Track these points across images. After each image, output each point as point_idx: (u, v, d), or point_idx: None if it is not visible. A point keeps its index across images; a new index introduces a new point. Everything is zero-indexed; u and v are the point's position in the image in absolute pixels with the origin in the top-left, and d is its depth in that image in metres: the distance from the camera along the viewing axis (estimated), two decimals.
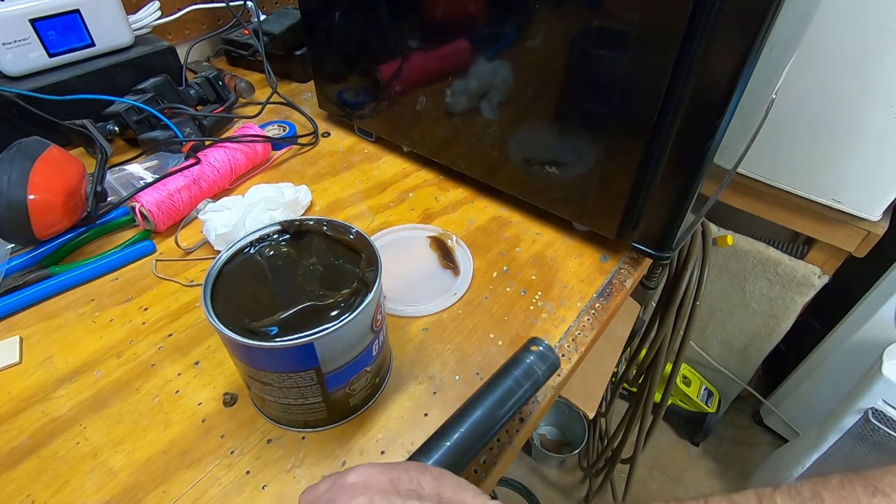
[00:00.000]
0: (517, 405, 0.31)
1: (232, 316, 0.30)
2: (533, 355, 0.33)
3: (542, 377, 0.32)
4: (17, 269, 0.47)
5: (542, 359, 0.33)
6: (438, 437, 0.27)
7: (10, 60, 0.60)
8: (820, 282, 1.00)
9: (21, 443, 0.36)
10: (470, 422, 0.28)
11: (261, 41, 0.76)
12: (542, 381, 0.32)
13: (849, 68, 0.74)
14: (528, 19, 0.43)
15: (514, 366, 0.32)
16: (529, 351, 0.33)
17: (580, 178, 0.48)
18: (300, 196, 0.55)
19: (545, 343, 0.33)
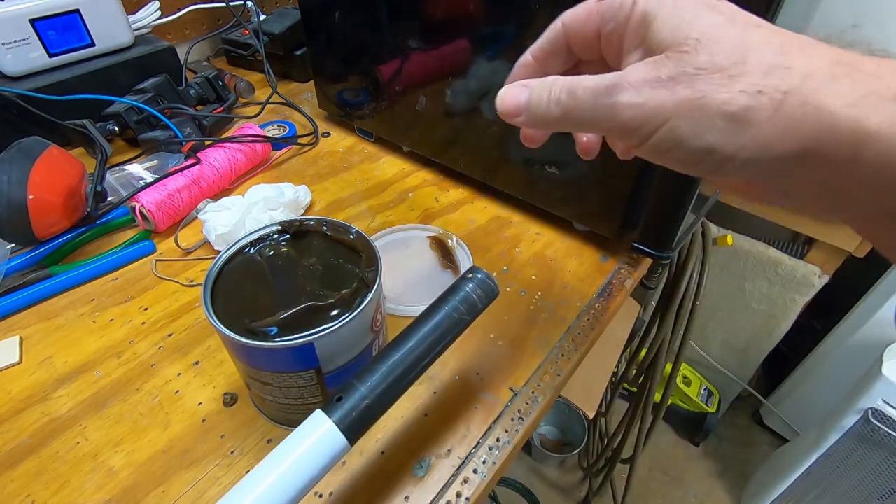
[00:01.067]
0: (454, 332, 0.30)
1: (232, 316, 0.30)
2: (471, 283, 0.32)
3: (480, 304, 0.31)
4: (17, 269, 0.47)
5: (480, 285, 0.32)
6: (375, 361, 0.27)
7: (10, 60, 0.60)
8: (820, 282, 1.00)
9: (21, 443, 0.36)
10: (407, 347, 0.28)
11: (261, 41, 0.76)
12: (481, 309, 0.31)
13: None
14: (528, 19, 0.43)
15: (452, 293, 0.31)
16: (466, 279, 0.32)
17: (580, 178, 0.48)
18: (300, 196, 0.55)
19: (483, 271, 0.33)
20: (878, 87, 0.16)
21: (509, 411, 0.38)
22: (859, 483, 0.91)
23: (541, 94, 0.21)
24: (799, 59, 0.17)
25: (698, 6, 0.18)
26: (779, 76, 0.16)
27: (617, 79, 0.19)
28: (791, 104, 0.16)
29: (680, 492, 1.25)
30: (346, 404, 0.25)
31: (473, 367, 0.41)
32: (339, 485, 0.33)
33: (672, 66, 0.18)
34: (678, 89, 0.17)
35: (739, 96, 0.17)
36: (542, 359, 0.42)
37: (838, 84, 0.16)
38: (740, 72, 0.17)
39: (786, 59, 0.17)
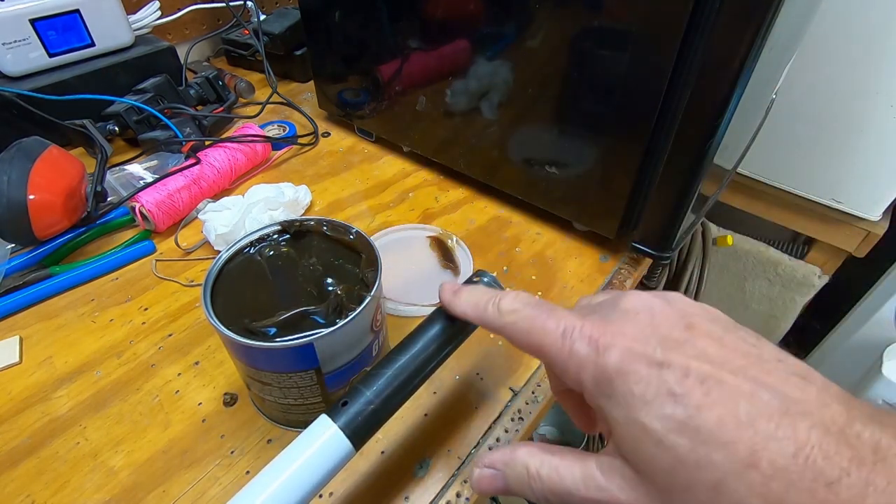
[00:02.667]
0: (460, 336, 0.30)
1: (232, 316, 0.30)
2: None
3: None
4: (17, 269, 0.47)
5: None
6: (381, 365, 0.27)
7: (10, 60, 0.60)
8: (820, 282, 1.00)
9: (21, 443, 0.36)
10: (412, 352, 0.27)
11: (261, 41, 0.76)
12: None
13: (849, 68, 0.74)
14: (529, 19, 0.43)
15: None
16: (472, 282, 0.32)
17: (580, 178, 0.48)
18: (300, 196, 0.55)
19: (490, 275, 0.32)
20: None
21: (509, 411, 0.38)
22: None
23: (521, 486, 0.21)
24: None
25: (657, 400, 0.17)
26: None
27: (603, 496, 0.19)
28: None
29: None
30: (351, 409, 0.25)
31: (473, 367, 0.41)
32: (339, 485, 0.33)
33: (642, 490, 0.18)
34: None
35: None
36: None
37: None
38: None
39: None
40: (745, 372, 0.17)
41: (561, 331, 0.20)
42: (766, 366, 0.18)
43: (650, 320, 0.19)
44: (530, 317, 0.22)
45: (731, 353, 0.18)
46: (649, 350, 0.18)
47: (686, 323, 0.19)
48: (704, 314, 0.20)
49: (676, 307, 0.20)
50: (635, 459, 0.18)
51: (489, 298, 0.24)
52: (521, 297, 0.23)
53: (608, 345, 0.19)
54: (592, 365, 0.19)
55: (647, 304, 0.20)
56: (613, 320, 0.20)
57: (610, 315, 0.20)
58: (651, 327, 0.19)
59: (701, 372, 0.17)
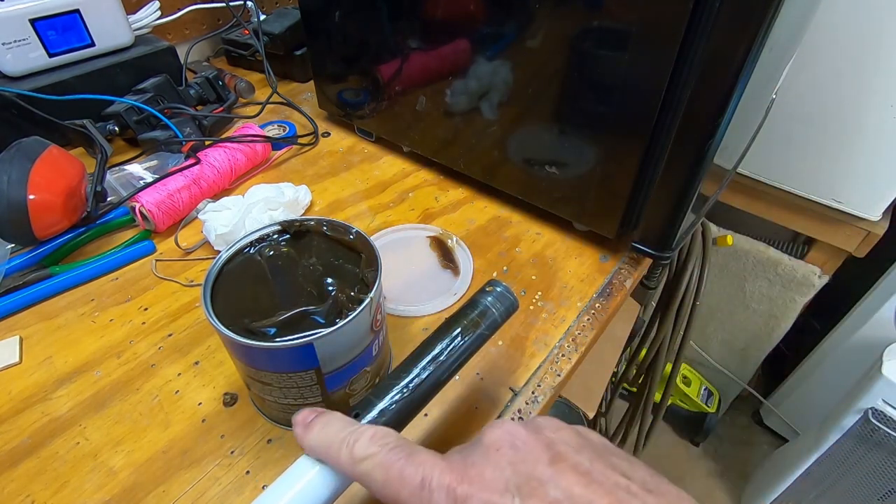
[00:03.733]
0: (472, 347, 0.29)
1: (232, 316, 0.30)
2: (490, 296, 0.31)
3: (500, 318, 0.31)
4: (17, 269, 0.47)
5: (500, 299, 0.31)
6: (393, 377, 0.27)
7: (10, 60, 0.60)
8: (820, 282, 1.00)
9: (21, 443, 0.36)
10: (422, 364, 0.27)
11: (261, 41, 0.76)
12: (500, 323, 0.31)
13: (848, 68, 0.74)
14: (529, 19, 0.43)
15: (471, 307, 0.31)
16: (486, 292, 0.32)
17: (580, 178, 0.48)
18: (300, 196, 0.55)
19: (503, 284, 0.32)
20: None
21: (509, 411, 0.38)
22: (859, 483, 0.91)
23: None
24: None
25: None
26: None
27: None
28: None
29: None
30: (363, 421, 0.25)
31: (473, 367, 0.41)
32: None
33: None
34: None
35: None
36: (542, 359, 0.42)
37: None
38: None
39: None
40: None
41: (419, 480, 0.18)
42: (632, 500, 0.17)
43: (512, 457, 0.18)
44: (386, 464, 0.19)
45: (597, 491, 0.17)
46: (506, 501, 0.17)
47: (550, 456, 0.18)
48: (573, 441, 0.19)
49: (542, 437, 0.19)
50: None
51: (343, 439, 0.21)
52: (378, 436, 0.20)
53: (465, 496, 0.18)
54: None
55: (510, 438, 0.19)
56: (474, 462, 0.19)
57: (472, 455, 0.19)
58: (511, 467, 0.18)
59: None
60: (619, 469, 0.18)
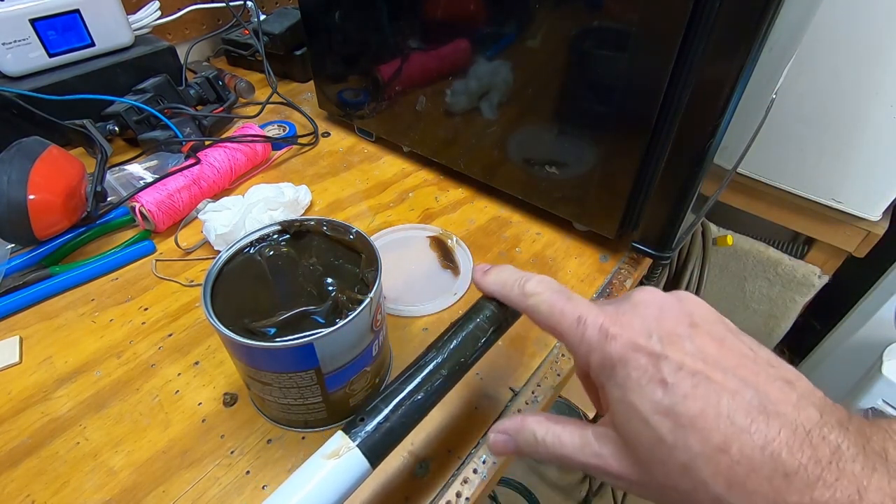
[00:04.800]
0: (479, 352, 0.29)
1: (232, 316, 0.30)
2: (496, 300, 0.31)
3: (507, 322, 0.31)
4: (17, 269, 0.47)
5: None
6: (399, 381, 0.27)
7: (10, 60, 0.60)
8: (820, 282, 1.00)
9: (21, 443, 0.36)
10: (429, 369, 0.27)
11: (261, 41, 0.76)
12: (506, 327, 0.31)
13: (848, 68, 0.74)
14: (529, 19, 0.43)
15: (476, 311, 0.30)
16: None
17: (580, 178, 0.48)
18: (300, 196, 0.55)
19: None
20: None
21: (509, 411, 0.38)
22: None
23: (530, 449, 0.25)
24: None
25: (649, 386, 0.20)
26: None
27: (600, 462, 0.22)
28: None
29: None
30: (368, 426, 0.25)
31: (473, 367, 0.41)
32: None
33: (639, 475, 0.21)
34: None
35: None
36: (542, 359, 0.42)
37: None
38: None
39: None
40: (735, 371, 0.19)
41: (576, 316, 0.22)
42: (756, 368, 0.20)
43: (657, 314, 0.21)
44: (550, 301, 0.24)
45: (727, 354, 0.20)
46: (650, 343, 0.20)
47: (690, 321, 0.21)
48: (710, 315, 0.22)
49: (685, 305, 0.22)
50: (624, 433, 0.21)
51: (515, 280, 0.26)
52: (545, 281, 0.25)
53: (615, 335, 0.21)
54: (599, 350, 0.21)
55: (657, 300, 0.22)
56: (624, 312, 0.22)
57: (622, 306, 0.22)
58: (657, 321, 0.21)
59: (693, 367, 0.19)
60: (746, 344, 0.21)
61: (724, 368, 0.19)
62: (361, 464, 0.24)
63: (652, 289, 0.23)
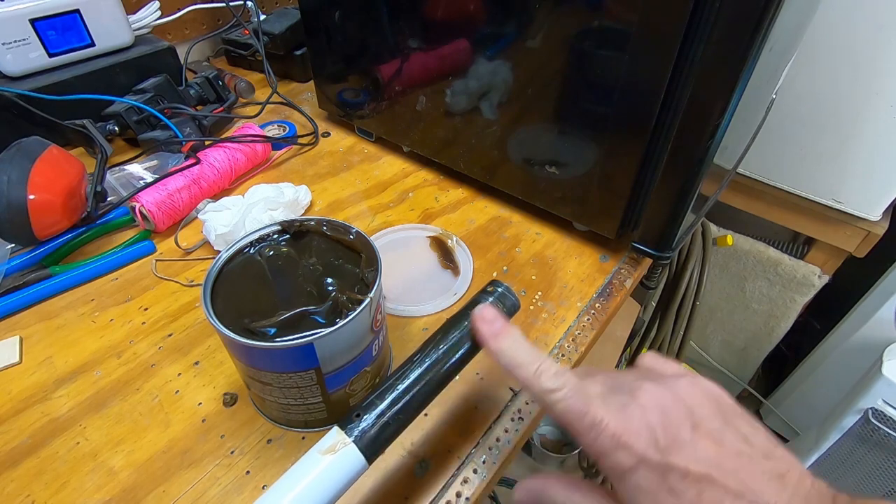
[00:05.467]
0: (475, 349, 0.29)
1: (232, 316, 0.30)
2: (491, 297, 0.31)
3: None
4: (17, 269, 0.47)
5: (501, 300, 0.32)
6: (394, 378, 0.27)
7: (10, 60, 0.60)
8: (820, 282, 1.00)
9: (21, 443, 0.36)
10: (426, 366, 0.27)
11: (261, 41, 0.76)
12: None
13: (848, 68, 0.74)
14: (529, 19, 0.43)
15: (472, 308, 0.30)
16: (487, 293, 0.32)
17: (580, 178, 0.48)
18: (300, 196, 0.55)
19: (504, 285, 0.32)
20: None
21: (509, 411, 0.38)
22: (859, 483, 0.91)
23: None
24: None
25: (659, 495, 0.21)
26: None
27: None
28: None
29: None
30: (364, 421, 0.25)
31: (473, 367, 0.41)
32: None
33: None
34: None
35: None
36: None
37: None
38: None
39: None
40: (736, 473, 0.21)
41: (589, 422, 0.23)
42: (752, 467, 0.22)
43: (661, 419, 0.23)
44: (567, 401, 0.25)
45: (727, 456, 0.22)
46: (657, 455, 0.22)
47: (692, 423, 0.23)
48: (707, 409, 0.23)
49: (685, 403, 0.23)
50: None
51: (531, 364, 0.26)
52: (560, 374, 0.26)
53: (626, 445, 0.22)
54: (612, 457, 0.23)
55: (660, 403, 0.24)
56: (632, 416, 0.23)
57: (628, 407, 0.24)
58: (662, 428, 0.23)
59: (697, 473, 0.21)
60: (742, 434, 0.23)
61: (726, 472, 0.21)
62: (357, 459, 0.24)
63: (651, 388, 0.24)
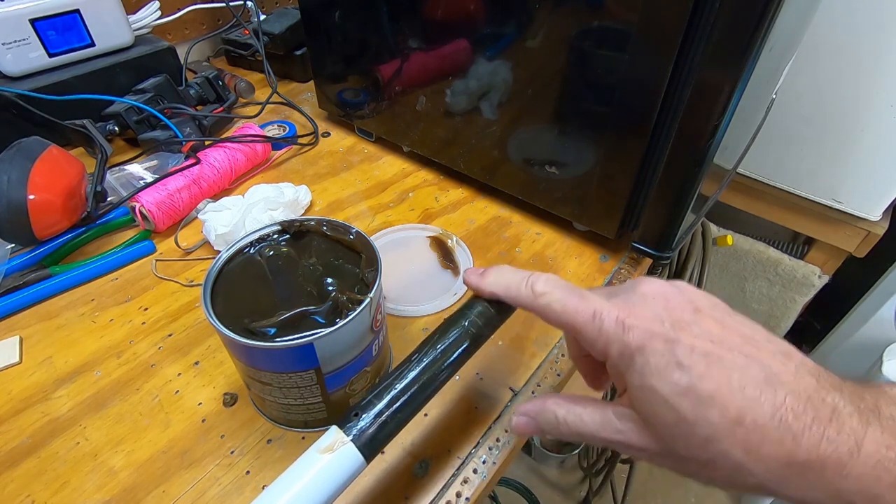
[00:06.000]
0: (473, 347, 0.29)
1: (232, 316, 0.30)
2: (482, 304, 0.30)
3: (499, 318, 0.31)
4: (17, 269, 0.47)
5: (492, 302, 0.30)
6: (392, 377, 0.27)
7: (10, 60, 0.60)
8: (820, 282, 1.00)
9: (21, 443, 0.36)
10: (424, 364, 0.27)
11: (261, 41, 0.76)
12: (499, 323, 0.31)
13: (848, 68, 0.74)
14: (529, 19, 0.43)
15: (470, 307, 0.30)
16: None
17: (580, 178, 0.48)
18: (300, 196, 0.55)
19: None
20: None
21: (509, 411, 0.38)
22: None
23: (551, 429, 0.26)
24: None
25: (667, 370, 0.21)
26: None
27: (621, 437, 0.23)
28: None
29: (680, 492, 1.25)
30: (363, 420, 0.25)
31: (473, 367, 0.41)
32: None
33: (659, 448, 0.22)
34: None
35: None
36: (542, 359, 0.42)
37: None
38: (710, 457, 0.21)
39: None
40: (741, 349, 0.21)
41: (591, 312, 0.23)
42: (757, 345, 0.21)
43: (664, 304, 0.23)
44: (563, 300, 0.25)
45: (730, 334, 0.22)
46: (663, 330, 0.22)
47: (693, 307, 0.23)
48: (708, 301, 0.24)
49: (686, 294, 0.24)
50: (645, 413, 0.22)
51: (521, 280, 0.27)
52: (552, 280, 0.26)
53: (632, 325, 0.22)
54: (618, 342, 0.22)
55: (662, 291, 0.24)
56: (634, 303, 0.23)
57: (631, 298, 0.24)
58: (665, 311, 0.23)
59: (704, 348, 0.21)
60: (744, 324, 0.23)
61: (730, 347, 0.21)
62: (356, 458, 0.24)
63: (653, 279, 0.25)
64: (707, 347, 0.21)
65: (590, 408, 0.24)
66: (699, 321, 0.22)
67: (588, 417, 0.24)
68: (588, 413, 0.24)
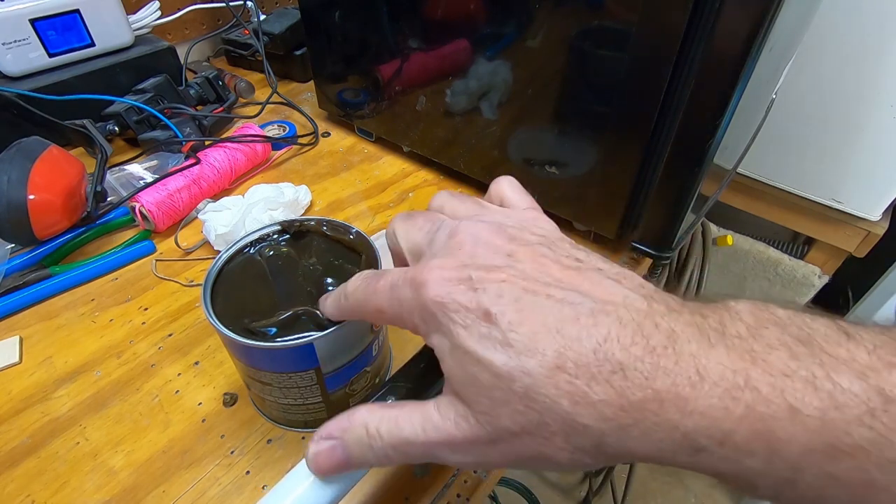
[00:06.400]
0: None
1: (232, 316, 0.30)
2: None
3: None
4: (17, 269, 0.47)
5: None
6: (393, 380, 0.26)
7: (10, 60, 0.60)
8: (820, 282, 1.00)
9: (21, 443, 0.36)
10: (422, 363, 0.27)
11: (261, 41, 0.76)
12: None
13: (848, 68, 0.74)
14: (529, 19, 0.43)
15: None
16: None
17: (580, 178, 0.48)
18: (300, 196, 0.55)
19: None
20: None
21: None
22: None
23: (363, 451, 0.21)
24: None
25: (474, 324, 0.18)
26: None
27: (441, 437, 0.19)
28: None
29: (680, 492, 1.25)
30: None
31: None
32: None
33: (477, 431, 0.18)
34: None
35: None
36: None
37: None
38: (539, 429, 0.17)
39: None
40: (560, 283, 0.18)
41: (389, 286, 0.20)
42: (581, 275, 0.19)
43: (472, 249, 0.20)
44: (363, 286, 0.22)
45: (550, 268, 0.19)
46: (464, 276, 0.18)
47: (509, 249, 0.20)
48: (533, 234, 0.21)
49: (505, 232, 0.20)
50: (462, 386, 0.18)
51: (339, 292, 0.24)
52: (360, 275, 0.23)
53: (424, 281, 0.19)
54: (417, 305, 0.19)
55: (473, 234, 0.20)
56: (434, 255, 0.20)
57: (438, 253, 0.20)
58: (471, 257, 0.19)
59: (513, 291, 0.18)
60: (572, 255, 0.20)
61: (546, 283, 0.18)
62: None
63: (469, 223, 0.21)
64: (518, 289, 0.18)
65: (407, 408, 0.20)
66: (513, 263, 0.19)
67: (405, 421, 0.20)
68: (405, 415, 0.20)
